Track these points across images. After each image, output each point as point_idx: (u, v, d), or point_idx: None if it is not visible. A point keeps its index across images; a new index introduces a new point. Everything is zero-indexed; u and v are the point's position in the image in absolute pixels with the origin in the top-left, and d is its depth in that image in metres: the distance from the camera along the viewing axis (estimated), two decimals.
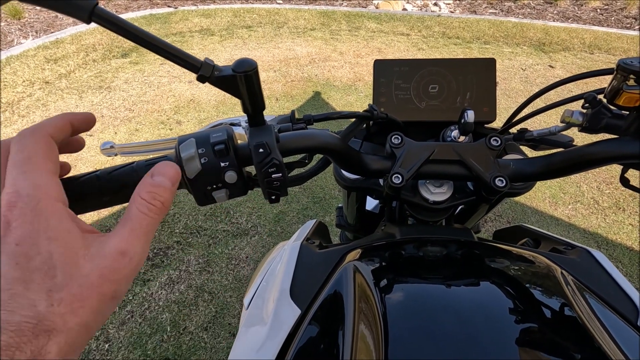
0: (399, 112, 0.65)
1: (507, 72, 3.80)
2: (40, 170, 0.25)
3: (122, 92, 3.30)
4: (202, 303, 1.65)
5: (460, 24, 4.78)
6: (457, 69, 0.64)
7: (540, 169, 0.48)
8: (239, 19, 4.76)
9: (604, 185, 2.37)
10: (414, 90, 0.64)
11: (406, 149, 0.49)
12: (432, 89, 0.64)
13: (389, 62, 0.64)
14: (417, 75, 0.64)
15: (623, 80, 0.39)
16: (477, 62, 0.64)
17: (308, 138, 0.42)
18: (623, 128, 0.41)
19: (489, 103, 0.65)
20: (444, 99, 0.65)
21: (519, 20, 4.90)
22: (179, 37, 4.29)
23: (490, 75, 0.64)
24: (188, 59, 0.32)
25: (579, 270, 0.48)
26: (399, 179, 0.47)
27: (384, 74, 0.64)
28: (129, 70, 3.62)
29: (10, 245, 0.22)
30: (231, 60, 3.80)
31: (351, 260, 0.48)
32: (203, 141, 0.36)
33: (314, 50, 4.17)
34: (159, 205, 0.28)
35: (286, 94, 3.36)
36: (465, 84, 0.64)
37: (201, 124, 2.93)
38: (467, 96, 0.65)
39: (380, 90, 0.65)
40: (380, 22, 4.85)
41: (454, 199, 0.53)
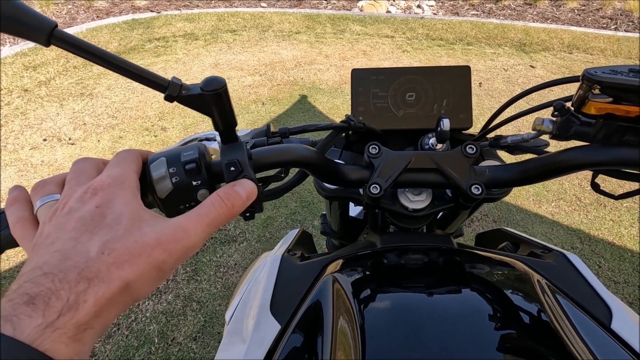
0: (377, 121, 0.66)
1: (490, 73, 3.86)
2: (129, 166, 0.32)
3: (104, 98, 3.24)
4: (191, 313, 1.63)
5: (443, 26, 4.85)
6: (433, 76, 0.65)
7: (515, 175, 0.49)
8: (223, 23, 4.74)
9: (586, 183, 2.43)
10: (391, 99, 0.65)
11: (384, 158, 0.50)
12: (410, 97, 0.65)
13: (367, 71, 0.65)
14: (394, 84, 0.65)
15: (588, 90, 0.40)
16: (453, 70, 0.65)
17: (282, 153, 0.42)
18: (591, 135, 0.42)
19: (465, 110, 0.66)
20: (421, 107, 0.65)
21: (500, 22, 5.00)
22: (163, 42, 4.25)
23: (465, 82, 0.65)
24: (154, 78, 0.32)
25: (554, 274, 0.48)
26: (377, 189, 0.48)
27: (361, 83, 0.65)
28: (112, 76, 3.57)
29: (91, 205, 0.27)
30: (216, 65, 3.77)
31: (331, 272, 0.48)
32: (174, 160, 0.35)
33: (299, 53, 4.17)
34: (229, 205, 0.31)
35: (272, 97, 3.36)
36: (442, 92, 0.65)
37: (186, 130, 2.90)
38: (444, 103, 0.66)
39: (359, 99, 0.65)
40: (364, 25, 4.89)
41: (433, 206, 0.54)
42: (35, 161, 2.51)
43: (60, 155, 2.58)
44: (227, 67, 3.84)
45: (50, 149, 2.64)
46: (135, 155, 0.34)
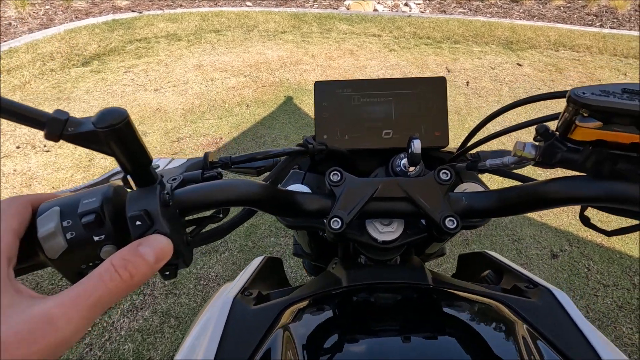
0: (343, 140, 0.59)
1: (477, 72, 3.84)
2: (6, 223, 0.26)
3: (82, 103, 3.13)
4: (168, 329, 1.56)
5: (430, 24, 4.81)
6: (406, 89, 0.59)
7: (494, 204, 0.43)
8: (207, 23, 4.63)
9: None
10: (359, 115, 0.59)
11: (347, 186, 0.44)
12: (379, 112, 0.59)
13: (331, 84, 0.59)
14: (362, 98, 0.59)
15: (575, 113, 0.34)
16: (426, 82, 0.59)
17: (215, 192, 0.36)
18: (579, 163, 0.37)
19: (441, 126, 0.60)
20: (392, 124, 0.60)
21: (487, 20, 4.98)
22: (144, 43, 4.13)
23: (441, 95, 0.60)
24: (29, 113, 0.25)
25: (539, 316, 0.43)
26: (339, 224, 0.42)
27: (326, 97, 0.59)
28: (90, 79, 3.45)
29: None
30: (200, 66, 3.67)
31: (286, 322, 0.41)
32: (69, 210, 0.28)
33: (285, 53, 4.09)
34: (126, 277, 0.25)
35: (257, 99, 3.28)
36: (415, 106, 0.60)
37: (167, 135, 2.81)
38: (417, 119, 0.60)
39: (323, 115, 0.59)
40: (351, 24, 4.83)
41: (406, 237, 0.48)
42: (7, 170, 2.40)
43: (34, 163, 2.47)
44: (211, 68, 3.74)
45: (24, 156, 2.53)
46: (19, 206, 0.28)
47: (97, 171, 2.43)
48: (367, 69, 3.84)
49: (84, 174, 2.41)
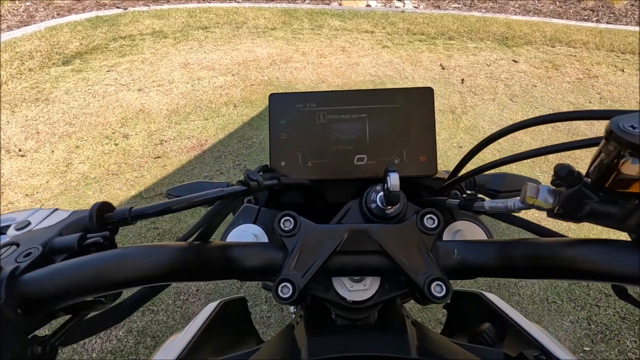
0: (305, 168, 0.49)
1: (473, 69, 3.74)
2: None
3: (62, 104, 3.00)
4: (144, 350, 1.45)
5: (424, 20, 4.70)
6: (383, 103, 0.48)
7: (495, 262, 0.33)
8: (194, 19, 4.49)
9: None
10: (325, 136, 0.48)
11: (302, 236, 0.33)
12: (350, 132, 0.48)
13: (290, 97, 0.48)
14: (329, 114, 0.48)
15: (618, 155, 0.24)
16: (409, 94, 0.49)
17: (91, 273, 0.25)
18: (618, 219, 0.27)
19: (428, 150, 0.49)
20: (366, 147, 0.49)
21: (482, 15, 4.88)
22: (129, 41, 3.98)
23: (427, 111, 0.49)
24: None
25: None
26: (289, 292, 0.31)
27: (283, 113, 0.48)
28: (71, 79, 3.31)
29: None
30: (186, 65, 3.55)
31: None
32: None
33: (275, 51, 3.97)
34: None
35: (245, 99, 3.16)
36: (395, 125, 0.49)
37: (150, 138, 2.68)
38: (398, 142, 0.49)
39: (279, 136, 0.48)
40: (343, 20, 4.70)
41: (383, 293, 0.38)
42: None
43: (7, 169, 2.34)
44: (198, 66, 3.61)
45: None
46: None
47: (75, 177, 2.31)
48: (360, 66, 3.73)
49: (60, 180, 2.29)
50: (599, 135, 0.27)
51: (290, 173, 0.48)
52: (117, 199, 2.18)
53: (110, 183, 2.29)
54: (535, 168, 2.47)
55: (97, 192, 2.22)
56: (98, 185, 2.27)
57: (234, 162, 2.47)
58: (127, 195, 2.21)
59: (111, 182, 2.30)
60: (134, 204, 2.03)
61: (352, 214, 0.42)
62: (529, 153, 0.39)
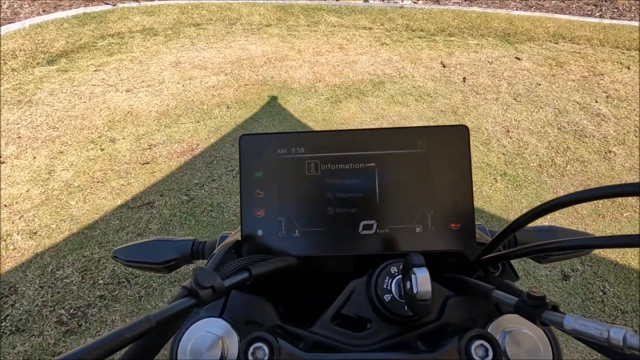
0: (291, 239, 0.37)
1: (474, 66, 3.62)
2: None
3: (45, 106, 2.85)
4: None
5: (423, 16, 4.57)
6: (400, 147, 0.36)
7: None
8: (186, 16, 4.33)
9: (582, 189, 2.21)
10: (320, 194, 0.36)
11: None
12: (354, 189, 0.36)
13: (269, 140, 0.36)
14: (324, 163, 0.36)
15: None
16: (435, 134, 0.36)
17: None
18: None
19: (462, 213, 0.37)
20: (376, 210, 0.37)
21: (483, 10, 4.75)
22: (117, 39, 3.83)
23: (459, 158, 0.37)
24: None
25: None
26: None
27: (260, 161, 0.36)
28: (56, 79, 3.16)
29: None
30: (177, 63, 3.41)
31: None
32: None
33: (269, 49, 3.83)
34: None
35: (238, 100, 3.03)
36: (416, 178, 0.37)
37: (139, 142, 2.55)
38: (420, 202, 0.37)
39: (254, 194, 0.36)
40: (340, 16, 4.56)
41: None
42: None
43: None
44: (189, 65, 3.47)
45: None
46: None
47: (57, 185, 2.18)
48: (358, 64, 3.60)
49: (42, 188, 2.16)
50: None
51: (269, 247, 0.36)
52: (102, 209, 2.05)
53: (95, 192, 2.16)
54: (543, 173, 2.36)
55: (81, 202, 2.09)
56: (82, 194, 2.14)
57: (227, 168, 2.35)
58: (113, 205, 2.08)
59: (96, 190, 2.17)
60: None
61: (357, 301, 0.31)
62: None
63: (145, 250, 0.51)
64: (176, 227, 1.96)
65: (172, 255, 0.52)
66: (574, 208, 2.10)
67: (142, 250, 0.52)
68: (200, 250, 0.53)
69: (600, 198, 0.27)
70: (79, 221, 1.98)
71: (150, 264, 0.52)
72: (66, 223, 1.97)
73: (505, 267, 0.40)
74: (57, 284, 1.67)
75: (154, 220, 2.00)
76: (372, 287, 0.32)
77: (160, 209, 2.06)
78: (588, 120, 2.84)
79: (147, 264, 0.53)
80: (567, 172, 2.35)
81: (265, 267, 0.31)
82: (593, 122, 2.82)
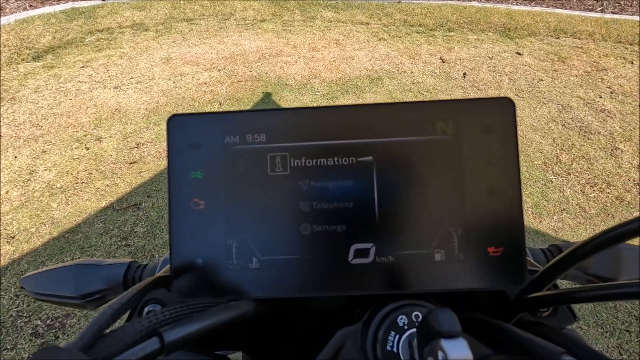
0: (248, 273, 0.26)
1: (474, 62, 3.52)
2: None
3: (29, 103, 2.73)
4: None
5: (422, 10, 4.46)
6: (410, 133, 0.25)
7: None
8: (178, 10, 4.21)
9: (589, 188, 2.12)
10: (289, 204, 0.25)
11: None
12: (343, 198, 0.25)
13: (210, 122, 0.25)
14: (296, 157, 0.25)
15: None
16: (467, 111, 0.25)
17: None
18: None
19: (505, 233, 0.26)
20: (376, 227, 0.26)
21: (482, 5, 4.65)
22: (106, 34, 3.71)
23: (502, 147, 0.25)
24: None
25: None
26: None
27: (198, 155, 0.25)
28: (41, 76, 3.04)
29: None
30: (168, 59, 3.28)
31: None
32: None
33: (264, 44, 3.71)
34: None
35: (231, 96, 2.92)
36: (435, 179, 0.26)
37: (126, 140, 2.44)
38: (441, 216, 0.26)
39: (189, 206, 0.25)
40: (337, 11, 4.45)
41: None
42: None
43: None
44: (181, 61, 3.36)
45: None
46: None
47: (38, 186, 2.07)
48: (355, 60, 3.50)
49: (22, 190, 2.04)
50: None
51: (214, 286, 0.25)
52: (85, 211, 1.94)
53: (78, 193, 2.05)
54: (548, 171, 2.26)
55: (63, 204, 1.98)
56: (64, 195, 2.03)
57: None
58: (97, 207, 1.97)
59: (79, 191, 2.06)
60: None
61: (348, 358, 0.20)
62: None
63: (61, 279, 0.40)
64: (163, 230, 1.85)
65: (97, 286, 0.39)
66: (580, 207, 2.01)
67: (57, 279, 0.40)
68: (136, 278, 0.40)
69: None
70: (60, 224, 1.87)
71: (65, 298, 0.39)
72: (46, 226, 1.85)
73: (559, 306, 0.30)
74: None
75: (140, 223, 1.89)
76: (369, 344, 0.21)
77: (147, 211, 1.95)
78: (593, 116, 2.75)
79: (61, 298, 0.40)
80: (573, 170, 2.26)
81: (196, 324, 0.20)
82: (598, 118, 2.73)
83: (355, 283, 0.26)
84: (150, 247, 1.77)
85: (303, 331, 0.30)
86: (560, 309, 0.30)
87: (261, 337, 0.31)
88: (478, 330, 0.25)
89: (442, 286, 0.24)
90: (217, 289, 0.25)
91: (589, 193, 2.10)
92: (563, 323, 0.30)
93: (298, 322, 0.30)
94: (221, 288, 0.25)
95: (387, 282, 0.26)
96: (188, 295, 0.25)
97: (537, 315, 0.29)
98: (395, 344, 0.22)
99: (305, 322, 0.30)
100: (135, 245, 1.77)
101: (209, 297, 0.25)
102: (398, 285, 0.25)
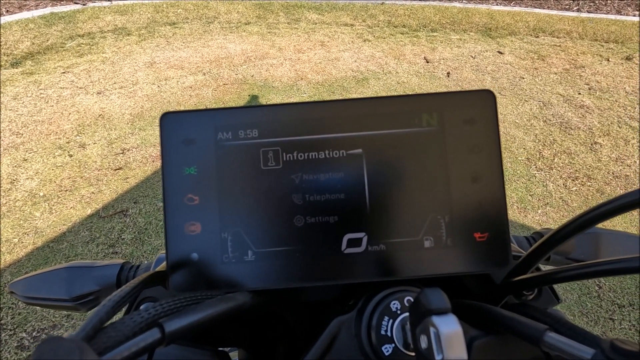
0: (244, 266, 0.27)
1: (458, 61, 3.58)
2: None
3: (8, 111, 2.66)
4: None
5: (405, 11, 4.52)
6: (398, 125, 0.26)
7: None
8: (161, 14, 4.17)
9: (570, 182, 2.18)
10: (282, 197, 0.26)
11: None
12: (335, 189, 0.26)
13: (203, 119, 0.26)
14: (288, 151, 0.26)
15: None
16: (451, 103, 0.27)
17: None
18: None
19: (490, 218, 0.27)
20: (367, 217, 0.27)
21: (464, 5, 4.74)
22: (88, 39, 3.64)
23: (484, 137, 0.27)
24: None
25: None
26: None
27: (191, 151, 0.26)
28: (21, 82, 2.97)
29: None
30: (152, 64, 3.24)
31: None
32: None
33: (249, 47, 3.71)
34: None
35: (217, 100, 2.90)
36: (424, 169, 0.27)
37: (111, 146, 2.40)
38: (429, 204, 0.27)
39: (185, 200, 0.26)
40: (321, 13, 4.48)
41: None
42: None
43: None
44: (165, 65, 3.32)
45: None
46: None
47: (20, 195, 2.01)
48: (340, 61, 3.52)
49: (3, 199, 1.99)
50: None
51: (210, 279, 0.26)
52: (70, 219, 1.90)
53: (62, 201, 2.00)
54: (531, 166, 2.32)
55: (47, 213, 1.93)
56: (48, 204, 1.98)
57: None
58: (82, 214, 1.93)
59: (63, 199, 2.01)
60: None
61: (344, 350, 0.21)
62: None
63: (52, 282, 0.39)
64: (152, 237, 1.83)
65: (89, 287, 0.39)
66: (563, 200, 2.06)
67: (48, 282, 0.39)
68: (130, 279, 0.40)
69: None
70: (44, 234, 1.82)
71: (57, 300, 0.39)
72: (30, 236, 1.81)
73: (543, 288, 0.31)
74: (19, 303, 1.52)
75: (127, 230, 1.86)
76: (363, 330, 0.22)
77: (135, 217, 1.92)
78: (572, 112, 2.83)
79: (53, 301, 0.39)
80: (555, 165, 2.32)
81: (195, 315, 0.21)
82: (577, 114, 2.81)
83: (349, 271, 0.27)
84: (139, 254, 1.75)
85: (298, 325, 0.30)
86: (544, 292, 0.31)
87: (258, 334, 0.32)
88: (466, 314, 0.26)
89: (432, 271, 0.26)
90: (213, 282, 0.25)
91: (571, 187, 2.16)
92: (547, 305, 0.31)
93: (293, 316, 0.30)
94: (218, 281, 0.25)
95: (380, 270, 0.27)
96: (185, 289, 0.25)
97: (521, 298, 0.31)
98: (389, 328, 0.23)
99: (300, 315, 0.31)
100: (123, 252, 1.75)
101: (206, 291, 0.25)
102: (390, 272, 0.26)
